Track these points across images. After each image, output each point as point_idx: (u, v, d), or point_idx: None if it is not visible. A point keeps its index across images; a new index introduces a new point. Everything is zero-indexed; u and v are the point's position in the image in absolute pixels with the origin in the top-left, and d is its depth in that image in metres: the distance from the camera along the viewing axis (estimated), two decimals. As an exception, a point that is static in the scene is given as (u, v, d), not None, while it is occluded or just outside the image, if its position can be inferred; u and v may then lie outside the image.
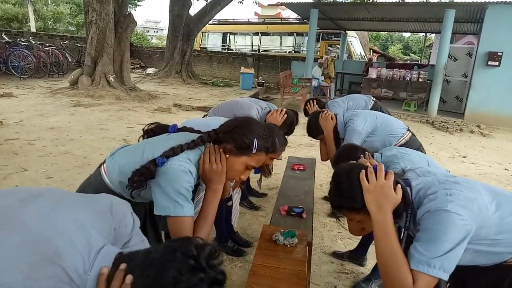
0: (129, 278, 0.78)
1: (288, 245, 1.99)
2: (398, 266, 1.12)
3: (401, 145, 2.60)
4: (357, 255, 2.77)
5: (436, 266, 1.07)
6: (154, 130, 1.61)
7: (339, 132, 2.84)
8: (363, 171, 1.25)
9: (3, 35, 11.05)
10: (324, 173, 4.60)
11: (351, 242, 3.03)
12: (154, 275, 0.78)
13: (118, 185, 1.43)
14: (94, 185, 1.47)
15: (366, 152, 1.88)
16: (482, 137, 7.78)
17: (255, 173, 3.52)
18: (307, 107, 3.62)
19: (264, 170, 3.07)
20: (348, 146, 2.16)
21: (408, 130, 2.76)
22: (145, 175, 1.29)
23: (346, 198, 1.27)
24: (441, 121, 8.75)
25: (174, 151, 1.34)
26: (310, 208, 2.60)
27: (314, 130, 2.94)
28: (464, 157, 6.01)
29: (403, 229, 1.36)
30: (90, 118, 6.53)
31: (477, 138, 7.70)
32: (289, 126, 2.81)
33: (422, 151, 2.65)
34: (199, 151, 1.43)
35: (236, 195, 2.46)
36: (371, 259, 2.73)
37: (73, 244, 0.80)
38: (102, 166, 1.49)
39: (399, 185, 1.22)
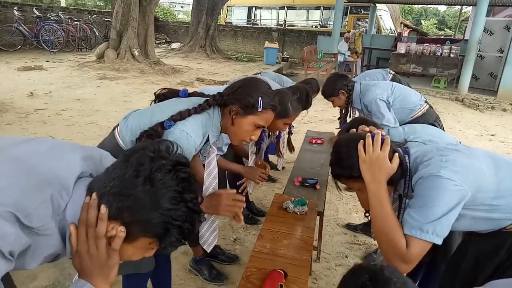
0: (103, 208, 0.79)
1: (298, 213, 2.01)
2: (392, 232, 1.14)
3: (417, 117, 2.54)
4: (370, 227, 2.77)
5: (429, 231, 1.08)
6: (165, 95, 1.63)
7: (354, 101, 2.75)
8: (362, 141, 1.26)
9: (34, 9, 11.31)
10: (343, 148, 4.55)
11: (367, 215, 3.02)
12: (119, 175, 0.79)
13: (130, 144, 1.48)
14: (109, 146, 1.52)
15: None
16: (515, 116, 7.43)
17: (269, 154, 3.55)
18: None
19: (278, 150, 3.08)
20: (359, 119, 2.13)
21: (426, 102, 2.67)
22: (152, 136, 1.32)
23: (345, 167, 1.29)
24: (472, 99, 8.36)
25: (181, 115, 1.37)
26: (325, 180, 2.60)
27: (327, 90, 2.82)
28: (493, 135, 5.77)
29: (404, 198, 1.36)
30: (115, 90, 6.69)
31: (509, 116, 7.35)
32: (304, 100, 2.71)
33: (438, 124, 2.59)
34: (207, 115, 1.45)
35: (251, 164, 2.49)
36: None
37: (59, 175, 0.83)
38: (116, 129, 1.54)
39: (396, 154, 1.23)
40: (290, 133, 3.10)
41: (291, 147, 3.16)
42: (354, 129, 1.55)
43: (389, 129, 2.25)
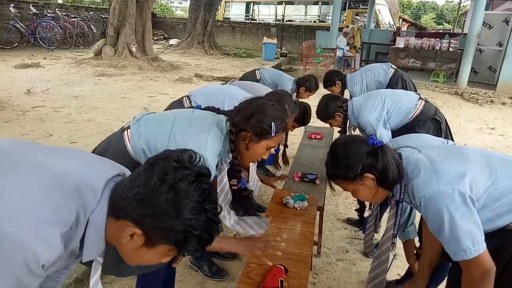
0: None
1: (298, 208, 2.00)
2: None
3: (417, 115, 2.52)
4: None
5: (470, 247, 1.12)
6: None
7: (349, 118, 2.64)
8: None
9: (30, 6, 11.22)
10: (343, 143, 4.54)
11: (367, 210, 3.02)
12: (144, 183, 0.82)
13: (140, 152, 1.46)
14: (115, 148, 1.50)
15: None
16: (514, 110, 7.41)
17: (266, 165, 3.60)
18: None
19: (277, 162, 3.15)
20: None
21: (420, 98, 2.62)
22: None
23: (341, 167, 1.32)
24: (471, 93, 8.34)
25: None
26: (324, 175, 2.58)
27: (323, 115, 2.75)
28: (492, 129, 5.76)
29: (400, 203, 1.39)
30: (113, 87, 6.66)
31: (508, 110, 7.34)
32: (302, 116, 2.77)
33: (439, 116, 2.57)
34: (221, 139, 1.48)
35: (253, 166, 2.47)
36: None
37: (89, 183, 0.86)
38: (126, 131, 1.50)
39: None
40: (285, 146, 3.13)
41: (285, 160, 3.25)
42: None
43: None
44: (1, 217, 0.73)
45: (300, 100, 3.38)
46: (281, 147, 3.13)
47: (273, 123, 1.46)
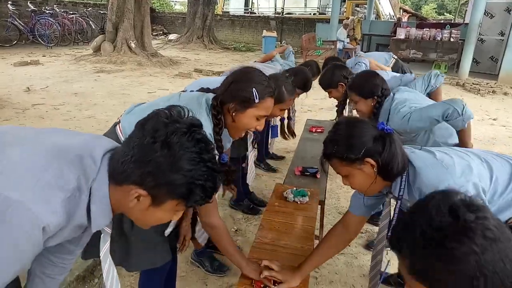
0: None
1: (299, 202, 1.99)
2: None
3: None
4: (372, 215, 2.75)
5: None
6: None
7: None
8: None
9: (28, 3, 11.17)
10: (344, 136, 4.52)
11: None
12: (137, 143, 0.83)
13: None
14: None
15: None
16: (516, 100, 7.36)
17: (271, 137, 3.51)
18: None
19: (284, 132, 3.01)
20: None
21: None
22: None
23: (342, 145, 1.21)
24: (473, 83, 8.27)
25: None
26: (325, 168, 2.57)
27: (325, 81, 2.67)
28: (494, 119, 5.72)
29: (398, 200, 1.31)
30: (113, 83, 6.64)
31: (511, 100, 7.28)
32: (303, 82, 2.63)
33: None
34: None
35: (251, 155, 2.46)
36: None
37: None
38: (118, 125, 1.48)
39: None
40: (289, 118, 3.03)
41: (291, 131, 3.03)
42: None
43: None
44: (3, 184, 0.74)
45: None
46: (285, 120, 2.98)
47: (254, 89, 1.35)
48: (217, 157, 1.44)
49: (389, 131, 1.22)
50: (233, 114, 1.39)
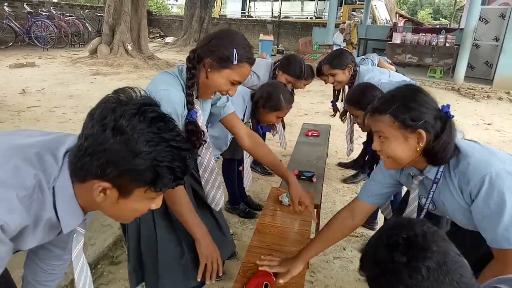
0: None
1: (295, 206, 1.99)
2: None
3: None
4: (368, 219, 2.75)
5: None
6: None
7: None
8: None
9: (24, 5, 11.13)
10: (340, 140, 4.53)
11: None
12: (89, 134, 0.78)
13: None
14: None
15: None
16: (511, 104, 7.41)
17: (262, 132, 3.46)
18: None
19: (274, 126, 2.94)
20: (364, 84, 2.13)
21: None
22: None
23: (401, 105, 1.13)
24: (468, 88, 8.34)
25: None
26: (321, 173, 2.58)
27: (334, 60, 2.62)
28: (489, 124, 5.77)
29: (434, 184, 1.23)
30: (109, 86, 6.61)
31: (505, 105, 7.35)
32: (298, 70, 2.70)
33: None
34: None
35: (247, 159, 2.46)
36: (381, 224, 2.71)
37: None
38: None
39: None
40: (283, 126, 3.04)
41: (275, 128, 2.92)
42: None
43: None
44: None
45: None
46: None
47: (234, 50, 1.29)
48: (185, 114, 1.37)
49: (451, 117, 1.16)
50: (208, 70, 1.33)
